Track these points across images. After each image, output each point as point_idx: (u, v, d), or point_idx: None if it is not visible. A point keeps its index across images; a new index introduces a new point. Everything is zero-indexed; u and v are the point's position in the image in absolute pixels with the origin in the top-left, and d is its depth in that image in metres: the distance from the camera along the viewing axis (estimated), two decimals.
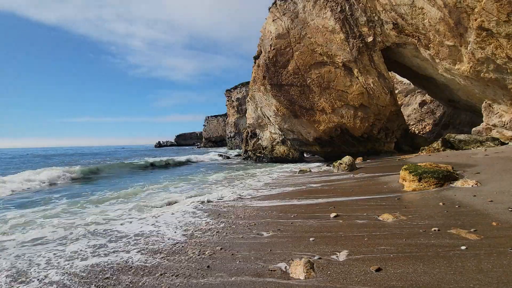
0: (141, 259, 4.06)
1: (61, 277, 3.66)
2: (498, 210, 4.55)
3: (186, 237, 4.95)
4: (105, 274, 3.69)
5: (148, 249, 4.46)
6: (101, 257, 4.23)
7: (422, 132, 25.82)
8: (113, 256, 4.24)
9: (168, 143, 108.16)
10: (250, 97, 24.68)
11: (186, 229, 5.43)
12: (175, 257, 4.05)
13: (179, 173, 18.04)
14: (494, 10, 10.82)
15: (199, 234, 5.07)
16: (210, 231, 5.18)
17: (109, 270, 3.78)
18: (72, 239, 5.23)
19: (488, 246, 3.33)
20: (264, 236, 4.73)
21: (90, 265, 3.97)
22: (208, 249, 4.26)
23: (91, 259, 4.20)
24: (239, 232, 5.05)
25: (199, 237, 4.89)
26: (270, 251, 4.01)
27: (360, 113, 19.29)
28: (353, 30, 17.96)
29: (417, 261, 3.16)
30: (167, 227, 5.60)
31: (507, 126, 13.96)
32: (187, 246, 4.49)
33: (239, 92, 61.30)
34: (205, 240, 4.72)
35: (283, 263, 3.53)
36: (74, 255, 4.41)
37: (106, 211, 7.41)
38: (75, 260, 4.18)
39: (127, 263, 3.97)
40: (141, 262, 3.96)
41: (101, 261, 4.10)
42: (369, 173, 11.74)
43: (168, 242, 4.75)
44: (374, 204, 6.08)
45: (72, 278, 3.61)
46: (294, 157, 22.33)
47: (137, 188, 11.08)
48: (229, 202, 7.97)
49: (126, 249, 4.50)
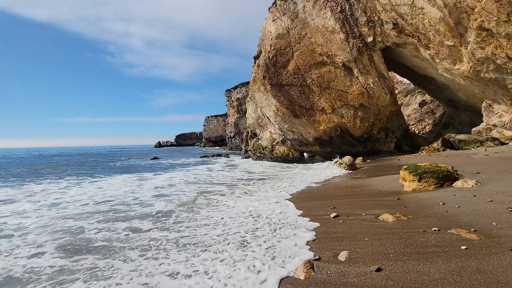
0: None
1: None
2: (498, 210, 4.55)
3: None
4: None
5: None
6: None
7: (422, 132, 25.82)
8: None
9: (168, 143, 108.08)
10: (250, 97, 24.67)
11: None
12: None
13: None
14: (494, 10, 10.82)
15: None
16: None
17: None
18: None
19: (488, 246, 3.33)
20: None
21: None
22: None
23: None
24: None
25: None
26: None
27: (360, 113, 19.29)
28: (353, 30, 17.96)
29: (417, 261, 3.16)
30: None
31: (507, 126, 13.96)
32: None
33: (239, 92, 61.26)
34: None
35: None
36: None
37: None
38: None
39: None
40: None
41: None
42: (369, 173, 11.74)
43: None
44: (374, 204, 6.07)
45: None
46: (294, 157, 22.32)
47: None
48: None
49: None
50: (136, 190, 10.78)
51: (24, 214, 7.34)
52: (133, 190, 10.76)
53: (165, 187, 11.40)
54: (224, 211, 6.87)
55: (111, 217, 6.83)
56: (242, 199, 8.33)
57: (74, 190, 11.19)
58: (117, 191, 10.80)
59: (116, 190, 11.04)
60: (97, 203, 8.60)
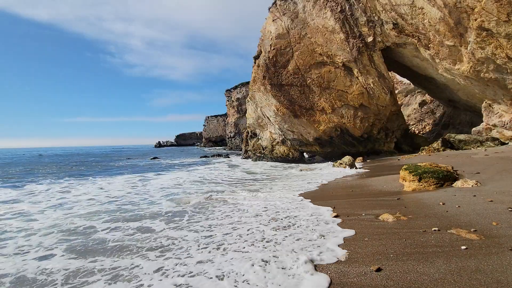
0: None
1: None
2: (498, 210, 4.55)
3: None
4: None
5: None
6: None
7: (422, 132, 25.82)
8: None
9: (168, 143, 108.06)
10: (250, 97, 24.67)
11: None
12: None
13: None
14: (494, 10, 10.83)
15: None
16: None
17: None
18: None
19: (488, 246, 3.33)
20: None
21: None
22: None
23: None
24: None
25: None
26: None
27: (360, 113, 19.30)
28: (353, 30, 17.97)
29: (417, 261, 3.15)
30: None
31: (507, 126, 13.97)
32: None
33: (239, 92, 61.28)
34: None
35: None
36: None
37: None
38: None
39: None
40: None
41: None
42: (369, 173, 11.74)
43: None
44: (374, 204, 6.07)
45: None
46: (294, 157, 22.32)
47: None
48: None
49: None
50: (141, 191, 10.72)
51: (29, 216, 7.20)
52: (138, 191, 10.69)
53: (170, 187, 11.40)
54: (237, 210, 6.86)
55: (120, 216, 6.76)
56: (250, 197, 8.39)
57: (78, 191, 11.16)
58: (121, 191, 10.75)
59: (120, 190, 11.00)
60: (104, 203, 8.56)
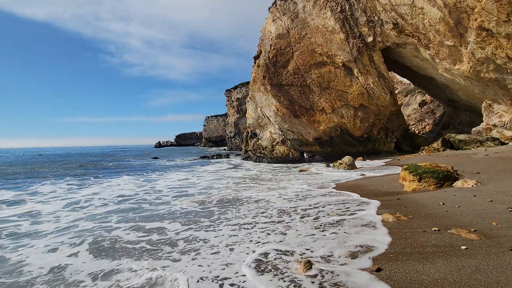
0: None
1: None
2: (498, 210, 4.55)
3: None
4: None
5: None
6: None
7: (422, 132, 25.82)
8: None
9: (168, 143, 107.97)
10: (250, 97, 24.67)
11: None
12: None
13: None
14: (494, 10, 10.83)
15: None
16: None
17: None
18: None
19: (488, 246, 3.33)
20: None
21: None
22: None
23: None
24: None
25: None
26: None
27: (360, 113, 19.30)
28: (353, 30, 17.96)
29: (417, 261, 3.15)
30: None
31: (507, 126, 13.97)
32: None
33: (239, 92, 61.25)
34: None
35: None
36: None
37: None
38: None
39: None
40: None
41: None
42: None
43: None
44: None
45: None
46: (294, 157, 22.32)
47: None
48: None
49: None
50: (149, 191, 10.67)
51: (39, 218, 7.11)
52: (146, 190, 10.73)
53: (177, 187, 11.40)
54: (261, 205, 7.01)
55: (136, 216, 6.76)
56: (263, 194, 8.55)
57: (86, 191, 11.19)
58: (130, 190, 10.84)
59: (130, 189, 11.08)
60: (116, 203, 8.58)
